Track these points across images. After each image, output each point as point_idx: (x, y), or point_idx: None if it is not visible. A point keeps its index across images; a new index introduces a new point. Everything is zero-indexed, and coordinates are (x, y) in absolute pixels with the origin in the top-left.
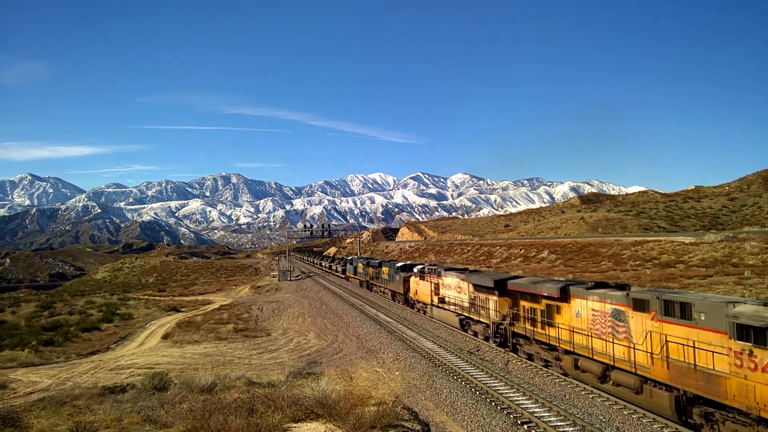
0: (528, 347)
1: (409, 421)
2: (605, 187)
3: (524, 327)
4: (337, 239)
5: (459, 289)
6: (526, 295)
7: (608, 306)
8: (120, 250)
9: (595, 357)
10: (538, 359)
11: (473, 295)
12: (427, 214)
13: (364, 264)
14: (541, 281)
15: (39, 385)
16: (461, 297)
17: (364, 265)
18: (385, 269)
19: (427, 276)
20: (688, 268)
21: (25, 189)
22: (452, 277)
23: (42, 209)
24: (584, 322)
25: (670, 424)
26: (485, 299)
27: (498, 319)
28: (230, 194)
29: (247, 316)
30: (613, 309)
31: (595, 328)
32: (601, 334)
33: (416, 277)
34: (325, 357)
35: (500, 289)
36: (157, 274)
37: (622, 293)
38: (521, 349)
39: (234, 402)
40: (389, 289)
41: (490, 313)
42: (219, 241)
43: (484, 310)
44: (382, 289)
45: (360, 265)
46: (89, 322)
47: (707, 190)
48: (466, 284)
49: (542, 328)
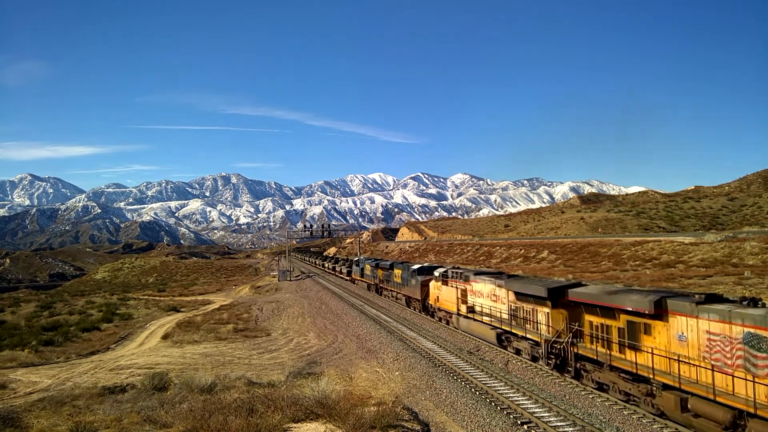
0: (599, 375)
1: (409, 422)
2: (605, 187)
3: (593, 349)
4: (337, 239)
5: (494, 297)
6: (595, 309)
7: (737, 329)
8: (120, 250)
9: (719, 398)
10: (614, 391)
11: (515, 305)
12: (427, 214)
13: (372, 265)
14: (620, 292)
15: (39, 385)
16: (498, 307)
17: (372, 266)
18: (397, 272)
19: (452, 281)
20: (688, 268)
21: (25, 189)
22: (485, 282)
23: (42, 209)
24: (693, 348)
25: (670, 424)
26: (532, 311)
27: (551, 335)
28: (230, 194)
29: (247, 316)
30: (747, 333)
31: (715, 358)
32: (725, 366)
33: (437, 281)
34: (325, 357)
35: (555, 299)
36: (157, 274)
37: (760, 312)
38: (588, 375)
39: (234, 402)
40: (403, 294)
41: (540, 328)
42: (219, 242)
43: (531, 324)
44: (394, 294)
45: (368, 267)
46: (89, 322)
47: (707, 190)
48: (504, 291)
49: (621, 352)
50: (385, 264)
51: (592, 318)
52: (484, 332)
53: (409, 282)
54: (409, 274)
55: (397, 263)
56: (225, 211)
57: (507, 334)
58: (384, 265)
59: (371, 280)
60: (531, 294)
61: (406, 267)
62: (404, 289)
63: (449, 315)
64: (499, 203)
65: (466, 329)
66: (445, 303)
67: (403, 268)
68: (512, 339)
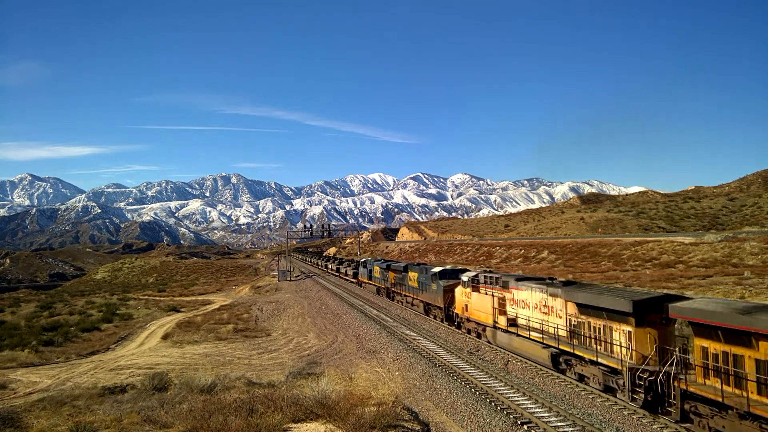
0: (724, 423)
1: (409, 422)
2: (605, 188)
3: (713, 386)
4: (337, 239)
5: (546, 309)
6: (715, 332)
7: None
8: (120, 250)
9: None
10: None
11: (577, 320)
12: (427, 215)
13: (382, 267)
14: (755, 309)
15: (39, 385)
16: (551, 321)
17: (382, 268)
18: (413, 275)
19: (485, 287)
20: (688, 268)
21: (25, 189)
22: (532, 290)
23: (42, 209)
24: None
25: (670, 425)
26: (604, 328)
27: (635, 362)
28: (230, 194)
29: (247, 316)
30: None
31: None
32: None
33: (466, 287)
34: (325, 357)
35: (642, 315)
36: (157, 274)
37: None
38: (703, 421)
39: (234, 402)
40: (421, 300)
41: (616, 352)
42: (219, 242)
43: (603, 344)
44: (409, 299)
45: (377, 269)
46: (89, 322)
47: (707, 190)
48: (560, 302)
49: (762, 394)
50: (398, 266)
51: (708, 343)
52: (532, 351)
53: (428, 287)
54: (428, 277)
55: (412, 265)
56: (225, 211)
57: (566, 356)
58: (397, 267)
59: (381, 283)
60: (605, 307)
61: (423, 270)
62: (422, 295)
63: (481, 327)
64: (499, 203)
65: (506, 346)
66: (476, 313)
67: (420, 271)
68: (574, 362)
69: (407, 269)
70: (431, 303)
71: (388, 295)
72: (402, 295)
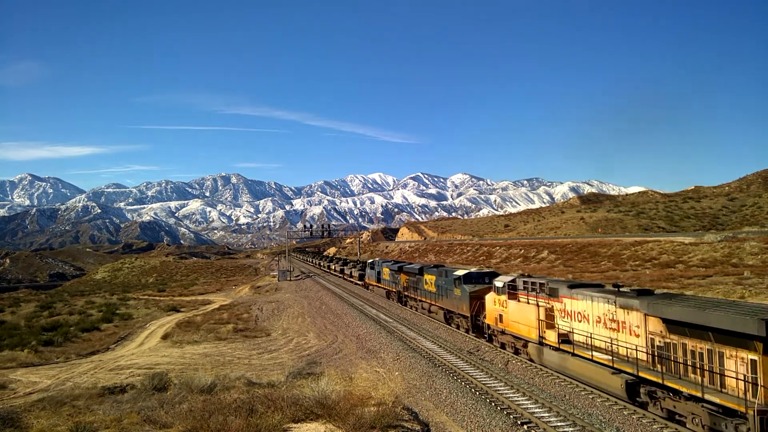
0: None
1: (409, 422)
2: (605, 188)
3: None
4: (337, 239)
5: (615, 324)
6: None
7: None
8: (120, 250)
9: None
10: None
11: (663, 341)
12: (427, 215)
13: (393, 269)
14: None
15: (39, 385)
16: (623, 340)
17: (393, 270)
18: (429, 278)
19: (526, 294)
20: (688, 268)
21: (25, 189)
22: (593, 299)
23: (42, 209)
24: None
25: (670, 425)
26: (710, 354)
27: (766, 403)
28: (230, 194)
29: (247, 316)
30: None
31: None
32: None
33: (500, 294)
34: (324, 357)
35: None
36: (157, 274)
37: None
38: None
39: (234, 402)
40: (440, 306)
41: (736, 387)
42: (219, 242)
43: (708, 375)
44: (425, 305)
45: (386, 271)
46: (89, 322)
47: (707, 190)
48: (637, 316)
49: None
50: (412, 268)
51: None
52: (597, 377)
53: (449, 292)
54: (449, 281)
55: (428, 267)
56: (225, 211)
57: (649, 386)
58: (410, 269)
59: (391, 286)
60: (713, 326)
61: (443, 272)
62: (442, 301)
63: (521, 342)
64: (499, 203)
65: (555, 366)
66: (514, 325)
67: (439, 274)
68: (661, 395)
69: (423, 272)
70: (453, 311)
71: (400, 300)
72: (416, 300)
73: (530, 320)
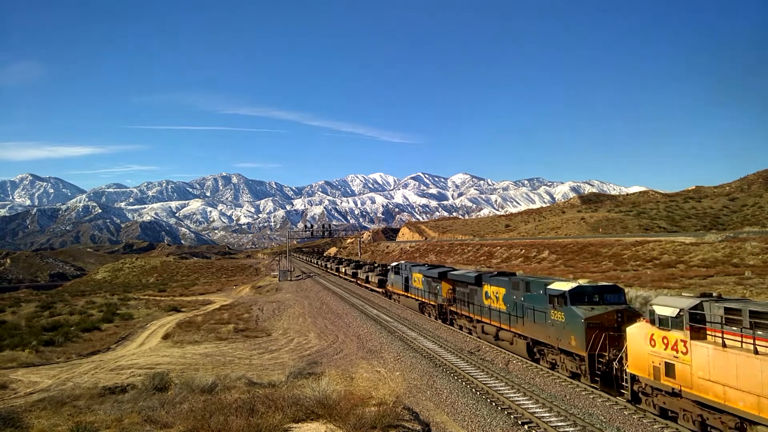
0: None
1: (410, 422)
2: (606, 187)
3: None
4: (338, 239)
5: None
6: None
7: None
8: (120, 250)
9: None
10: None
11: None
12: (428, 215)
13: (429, 276)
14: None
15: (39, 385)
16: None
17: (429, 277)
18: (494, 290)
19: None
20: (689, 268)
21: (25, 189)
22: None
23: (42, 209)
24: None
25: (671, 425)
26: None
27: None
28: (231, 194)
29: (248, 316)
30: None
31: None
32: None
33: (668, 328)
34: (325, 357)
35: None
36: (158, 274)
37: None
38: None
39: (234, 402)
40: (519, 334)
41: None
42: (219, 242)
43: None
44: (489, 329)
45: (418, 277)
46: (90, 322)
47: (708, 190)
48: None
49: None
50: (463, 276)
51: None
52: None
53: (540, 314)
54: (537, 298)
55: (490, 276)
56: (225, 211)
57: None
58: (459, 277)
59: (427, 298)
60: None
61: (523, 284)
62: (522, 326)
63: (734, 421)
64: (500, 203)
65: None
66: (712, 388)
67: (513, 286)
68: None
69: (481, 281)
70: (547, 342)
71: (442, 316)
72: (471, 319)
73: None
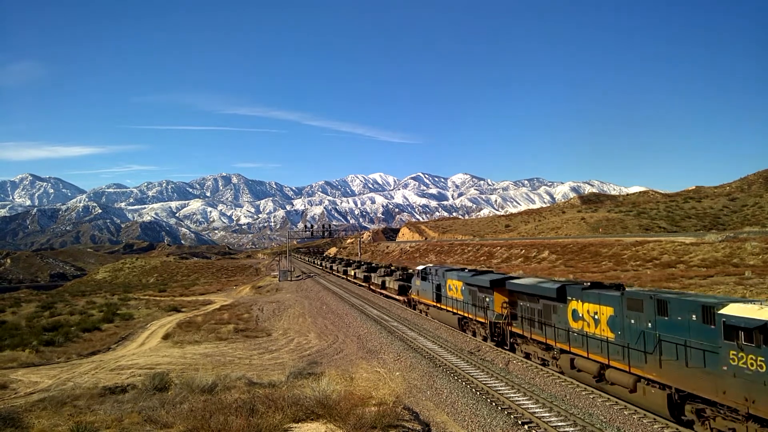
0: None
1: (410, 422)
2: (606, 188)
3: None
4: (338, 239)
5: None
6: None
7: None
8: (121, 250)
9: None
10: None
11: None
12: (428, 215)
13: (473, 284)
14: None
15: (40, 385)
16: None
17: (473, 285)
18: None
19: None
20: (689, 268)
21: (25, 189)
22: None
23: (43, 209)
24: None
25: (671, 425)
26: None
27: None
28: (231, 194)
29: (248, 316)
30: None
31: None
32: None
33: None
34: (325, 357)
35: None
36: (158, 274)
37: None
38: None
39: (234, 402)
40: (661, 384)
41: None
42: (219, 242)
43: None
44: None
45: (455, 285)
46: (90, 322)
47: (708, 190)
48: None
49: None
50: (537, 287)
51: None
52: None
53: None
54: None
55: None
56: (226, 212)
57: None
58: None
59: (470, 311)
60: None
61: (655, 302)
62: (659, 368)
63: None
64: (500, 203)
65: None
66: None
67: (635, 305)
68: None
69: (566, 294)
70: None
71: (496, 338)
72: (551, 348)
73: None
